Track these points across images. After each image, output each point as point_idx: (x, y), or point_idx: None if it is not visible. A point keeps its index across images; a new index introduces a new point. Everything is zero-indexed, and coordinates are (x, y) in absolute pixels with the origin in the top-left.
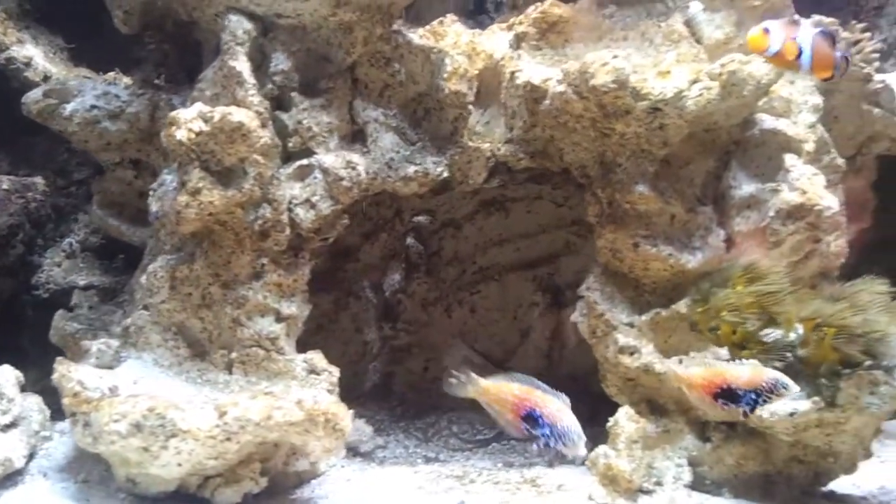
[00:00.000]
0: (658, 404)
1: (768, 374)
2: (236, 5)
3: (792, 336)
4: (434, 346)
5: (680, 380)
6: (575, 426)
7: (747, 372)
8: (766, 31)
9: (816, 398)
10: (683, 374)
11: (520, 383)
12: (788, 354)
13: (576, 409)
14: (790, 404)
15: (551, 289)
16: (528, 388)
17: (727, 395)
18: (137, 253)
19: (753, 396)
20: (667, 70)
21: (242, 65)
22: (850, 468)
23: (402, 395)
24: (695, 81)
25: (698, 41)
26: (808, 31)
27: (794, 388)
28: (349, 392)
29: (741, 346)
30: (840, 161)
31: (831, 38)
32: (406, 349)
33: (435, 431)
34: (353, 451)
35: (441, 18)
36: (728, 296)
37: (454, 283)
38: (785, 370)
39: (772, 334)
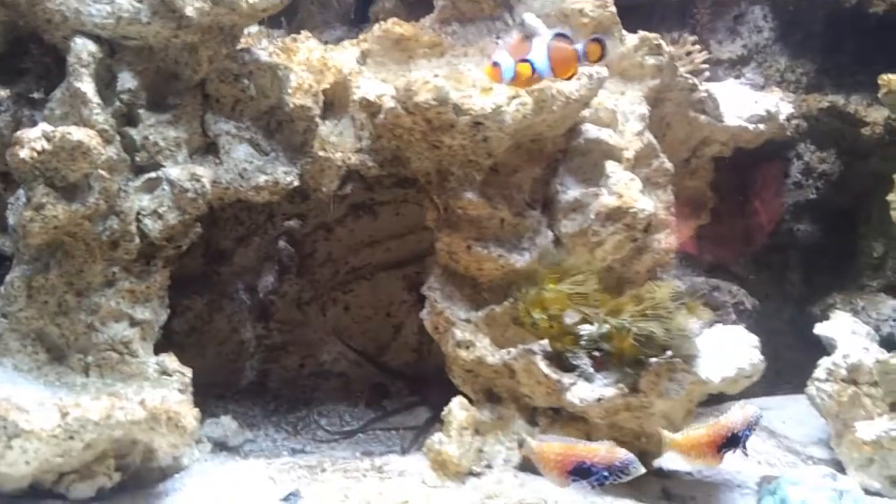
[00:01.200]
0: (494, 393)
1: (621, 454)
2: (82, 29)
3: (601, 330)
4: (310, 343)
5: (534, 454)
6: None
7: (602, 450)
8: (496, 64)
9: (621, 385)
10: (537, 448)
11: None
12: (600, 346)
13: (444, 398)
14: (598, 390)
15: (419, 286)
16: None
17: (580, 471)
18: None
19: (606, 474)
20: (489, 87)
21: (87, 86)
22: (660, 447)
23: (276, 392)
24: (514, 97)
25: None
26: (540, 43)
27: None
28: (226, 389)
29: (558, 339)
30: (668, 165)
31: (567, 38)
32: (282, 347)
33: (304, 425)
34: (220, 446)
35: (295, 35)
36: (538, 294)
37: (328, 282)
38: (598, 359)
39: (586, 328)
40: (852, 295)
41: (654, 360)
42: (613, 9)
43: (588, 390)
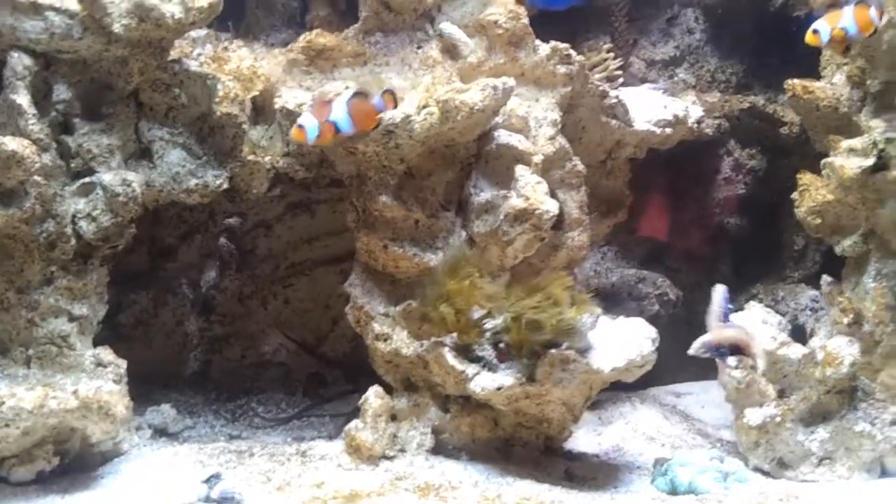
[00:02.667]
0: (411, 382)
1: None
2: (17, 43)
3: (501, 323)
4: (251, 335)
5: None
6: None
7: None
8: (301, 126)
9: (520, 375)
10: None
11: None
12: (501, 339)
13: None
14: (498, 380)
15: None
16: None
17: None
18: None
19: None
20: (401, 98)
21: (22, 98)
22: (560, 432)
23: (218, 381)
24: (424, 107)
25: (460, 56)
26: (340, 103)
27: None
28: (171, 379)
29: (465, 332)
30: (581, 167)
31: (364, 94)
32: (224, 339)
33: (242, 412)
34: (161, 433)
35: (226, 44)
36: (444, 290)
37: (269, 277)
38: (501, 350)
39: (490, 322)
40: (775, 285)
41: (552, 350)
42: (526, 21)
43: (489, 380)
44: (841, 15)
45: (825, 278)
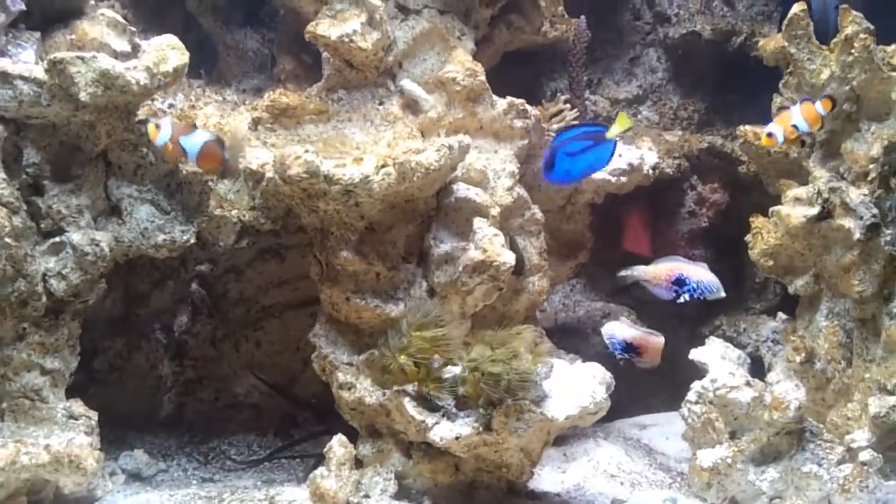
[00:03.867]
0: (375, 428)
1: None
2: None
3: (459, 373)
4: (224, 377)
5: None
6: (712, 279)
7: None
8: (158, 127)
9: (477, 424)
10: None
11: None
12: (458, 390)
13: (348, 427)
14: (456, 429)
15: None
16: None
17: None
18: None
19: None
20: (361, 157)
21: None
22: (520, 476)
23: (191, 423)
24: (382, 166)
25: (420, 111)
26: (200, 139)
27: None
28: (146, 422)
29: (425, 382)
30: (539, 215)
31: (221, 143)
32: (197, 381)
33: (215, 455)
34: (134, 477)
35: (193, 102)
36: (403, 341)
37: (240, 321)
38: (461, 400)
39: (449, 371)
40: (738, 317)
41: (508, 401)
42: (483, 78)
43: (447, 429)
44: (790, 115)
45: (780, 315)
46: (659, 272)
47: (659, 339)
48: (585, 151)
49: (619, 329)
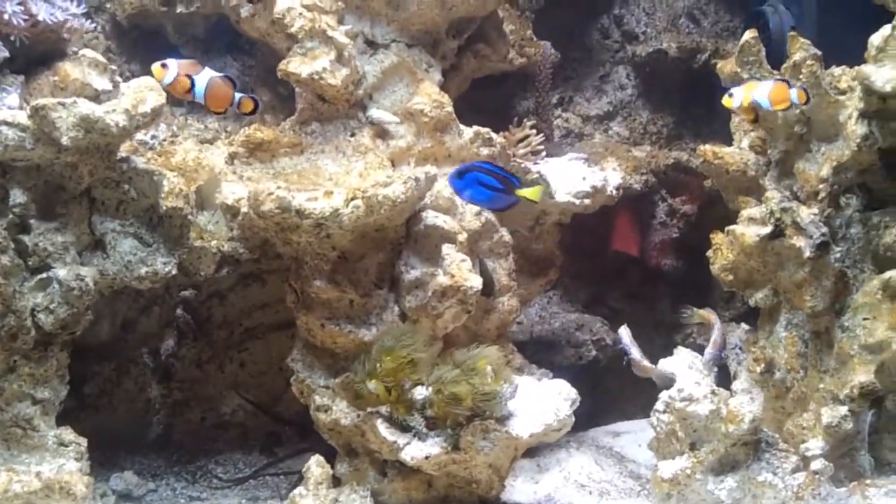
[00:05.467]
0: (352, 448)
1: None
2: None
3: (427, 395)
4: (210, 398)
5: None
6: None
7: None
8: (165, 66)
9: (445, 444)
10: None
11: None
12: (427, 411)
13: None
14: (425, 449)
15: None
16: None
17: None
18: None
19: None
20: (331, 191)
21: None
22: (490, 491)
23: (180, 443)
24: (352, 199)
25: (391, 138)
26: (207, 75)
27: None
28: (135, 443)
29: (396, 404)
30: (507, 238)
31: (231, 81)
32: (184, 403)
33: (202, 473)
34: (125, 497)
35: (175, 132)
36: (373, 366)
37: (225, 343)
38: (430, 420)
39: (420, 392)
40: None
41: (475, 421)
42: (450, 108)
43: (418, 449)
44: (757, 87)
45: (743, 326)
46: None
47: None
48: (492, 190)
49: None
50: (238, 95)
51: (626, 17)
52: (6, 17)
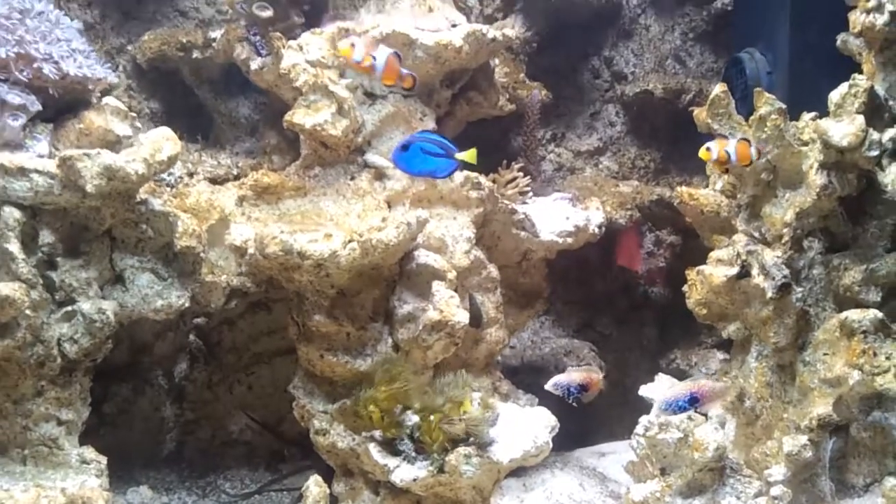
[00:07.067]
0: (348, 468)
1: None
2: (8, 199)
3: (416, 421)
4: (219, 418)
5: None
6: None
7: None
8: (354, 46)
9: (432, 468)
10: None
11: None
12: (416, 435)
13: None
14: (414, 472)
15: None
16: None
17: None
18: None
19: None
20: (330, 234)
21: (13, 246)
22: None
23: (191, 460)
24: (349, 242)
25: (388, 179)
26: (384, 52)
27: None
28: (150, 459)
29: (388, 428)
30: (495, 274)
31: (397, 54)
32: (195, 422)
33: (212, 488)
34: None
35: (187, 181)
36: (371, 393)
37: (233, 366)
38: (420, 444)
39: (410, 419)
40: (690, 350)
41: (459, 446)
42: None
43: (407, 472)
44: (727, 143)
45: (718, 356)
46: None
47: (598, 375)
48: (436, 157)
49: (567, 377)
50: (404, 71)
51: (615, 59)
52: (42, 72)
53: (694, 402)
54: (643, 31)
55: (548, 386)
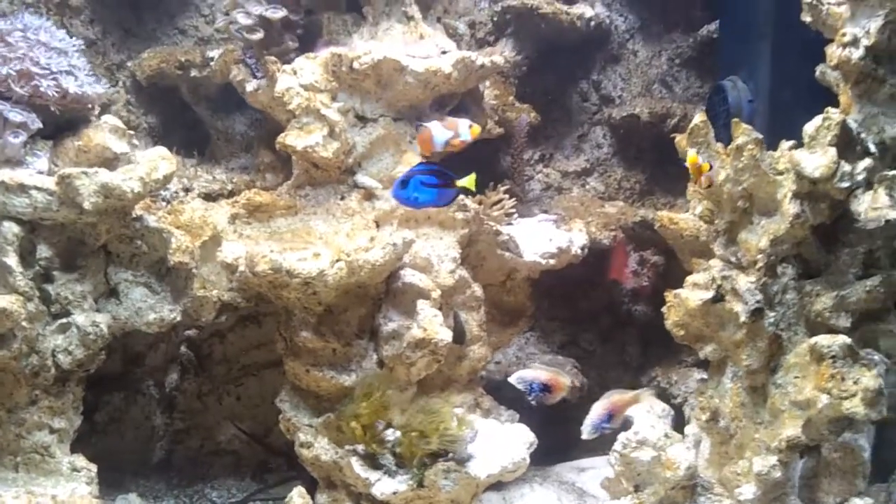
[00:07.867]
0: (332, 481)
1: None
2: (7, 214)
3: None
4: (208, 427)
5: None
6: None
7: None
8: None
9: (411, 482)
10: None
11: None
12: (397, 450)
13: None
14: (394, 486)
15: None
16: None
17: None
18: None
19: None
20: (318, 253)
21: (11, 259)
22: None
23: (180, 468)
24: (336, 261)
25: (376, 200)
26: (466, 124)
27: None
28: (140, 467)
29: (370, 443)
30: (479, 293)
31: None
32: (185, 431)
33: (199, 497)
34: None
35: (182, 198)
36: (353, 408)
37: (223, 378)
38: (398, 459)
39: (391, 434)
40: (671, 368)
41: (437, 462)
42: None
43: (387, 486)
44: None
45: (696, 375)
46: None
47: (565, 380)
48: (437, 188)
49: (532, 373)
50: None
51: (603, 82)
52: (42, 89)
53: (610, 418)
54: (631, 57)
55: (511, 378)
